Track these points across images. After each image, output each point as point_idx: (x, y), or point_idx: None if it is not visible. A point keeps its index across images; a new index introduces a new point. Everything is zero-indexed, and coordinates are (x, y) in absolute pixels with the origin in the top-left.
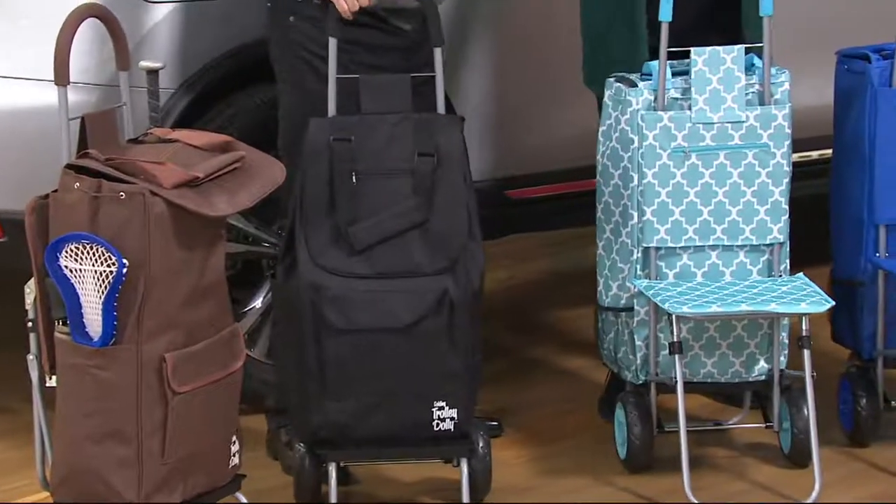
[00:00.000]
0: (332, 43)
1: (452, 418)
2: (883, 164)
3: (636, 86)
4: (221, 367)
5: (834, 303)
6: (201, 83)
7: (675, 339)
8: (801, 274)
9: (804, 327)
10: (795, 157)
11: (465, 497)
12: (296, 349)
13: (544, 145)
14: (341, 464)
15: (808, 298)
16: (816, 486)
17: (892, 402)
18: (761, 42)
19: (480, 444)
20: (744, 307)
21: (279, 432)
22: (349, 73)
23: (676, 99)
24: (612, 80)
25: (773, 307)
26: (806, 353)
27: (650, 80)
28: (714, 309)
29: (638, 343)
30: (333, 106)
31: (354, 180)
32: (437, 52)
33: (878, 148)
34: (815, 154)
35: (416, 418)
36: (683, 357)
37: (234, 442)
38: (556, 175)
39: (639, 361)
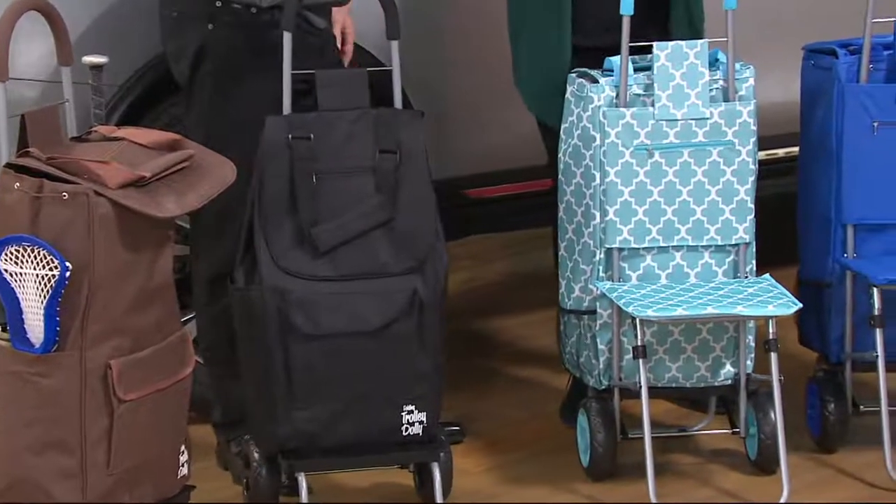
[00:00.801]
0: (287, 37)
1: (421, 422)
2: (850, 162)
3: (597, 82)
4: (169, 374)
5: (802, 305)
6: (148, 79)
7: (640, 344)
8: (767, 275)
9: (771, 330)
10: (761, 154)
11: (439, 498)
12: (259, 357)
13: (504, 143)
14: (295, 474)
15: (776, 300)
16: (785, 492)
17: (861, 407)
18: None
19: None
20: (710, 310)
21: (230, 444)
22: (273, 77)
23: (639, 95)
24: (573, 75)
25: (739, 310)
26: (773, 356)
27: (612, 75)
28: (679, 312)
29: (601, 347)
30: (289, 103)
31: (315, 179)
32: (394, 45)
33: (846, 145)
34: (781, 152)
35: (385, 424)
36: (647, 362)
37: (183, 451)
38: (517, 174)
39: (601, 366)
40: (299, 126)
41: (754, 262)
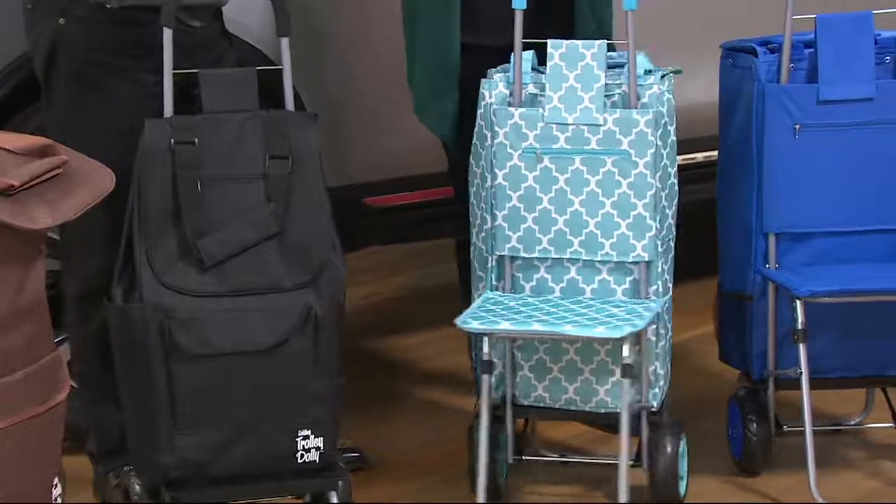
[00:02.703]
0: (168, 34)
1: (318, 448)
2: (772, 166)
3: (492, 78)
4: (42, 400)
5: (640, 328)
6: (15, 78)
7: (486, 359)
8: (668, 296)
9: (624, 354)
10: (679, 159)
11: None
12: (140, 380)
13: (405, 148)
14: None
15: (611, 322)
16: None
17: (785, 427)
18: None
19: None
20: (535, 327)
21: (108, 475)
22: (133, 79)
23: (535, 95)
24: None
25: (567, 329)
26: (625, 382)
27: (508, 73)
28: (505, 326)
29: (495, 360)
30: (170, 105)
31: (200, 188)
32: (285, 42)
33: (767, 149)
34: (700, 156)
35: (278, 450)
36: (542, 380)
37: (56, 485)
38: (419, 181)
39: (493, 380)
40: (182, 129)
41: (661, 282)
